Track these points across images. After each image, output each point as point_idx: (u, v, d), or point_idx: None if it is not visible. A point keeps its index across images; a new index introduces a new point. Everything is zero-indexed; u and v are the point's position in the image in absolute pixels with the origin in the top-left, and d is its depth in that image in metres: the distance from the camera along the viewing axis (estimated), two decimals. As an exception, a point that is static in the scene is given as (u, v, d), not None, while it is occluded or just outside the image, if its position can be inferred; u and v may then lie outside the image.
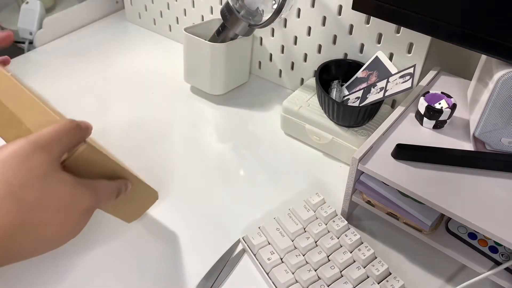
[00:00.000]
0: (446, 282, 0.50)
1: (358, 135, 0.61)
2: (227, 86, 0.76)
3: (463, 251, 0.47)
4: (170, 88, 0.78)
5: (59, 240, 0.38)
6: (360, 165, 0.49)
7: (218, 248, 0.52)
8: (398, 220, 0.51)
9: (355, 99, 0.62)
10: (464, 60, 0.63)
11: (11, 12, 0.92)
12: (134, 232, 0.54)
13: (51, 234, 0.36)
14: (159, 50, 0.89)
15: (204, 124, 0.72)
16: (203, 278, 0.49)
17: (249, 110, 0.74)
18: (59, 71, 0.82)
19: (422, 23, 0.51)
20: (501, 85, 0.45)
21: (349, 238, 0.51)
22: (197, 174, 0.62)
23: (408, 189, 0.46)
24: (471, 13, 0.46)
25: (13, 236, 0.34)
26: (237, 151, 0.66)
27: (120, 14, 1.00)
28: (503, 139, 0.48)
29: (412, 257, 0.53)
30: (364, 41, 0.65)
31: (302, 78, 0.76)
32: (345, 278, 0.48)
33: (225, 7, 0.67)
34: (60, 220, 0.36)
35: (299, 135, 0.68)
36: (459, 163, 0.49)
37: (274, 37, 0.75)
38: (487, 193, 0.46)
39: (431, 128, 0.53)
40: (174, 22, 0.89)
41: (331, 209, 0.54)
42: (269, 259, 0.50)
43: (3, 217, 0.33)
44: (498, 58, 0.47)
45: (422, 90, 0.59)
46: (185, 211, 0.57)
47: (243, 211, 0.57)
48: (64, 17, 0.91)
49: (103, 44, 0.90)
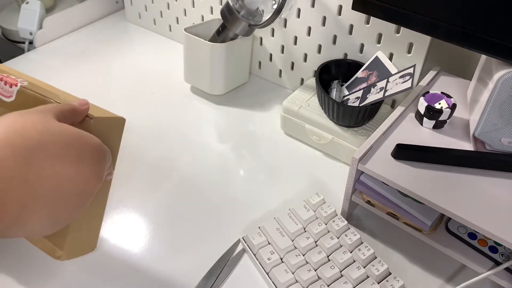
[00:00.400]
0: (446, 282, 0.50)
1: (358, 135, 0.61)
2: (227, 86, 0.76)
3: (463, 251, 0.47)
4: (170, 88, 0.78)
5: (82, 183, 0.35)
6: (360, 165, 0.49)
7: (218, 248, 0.52)
8: (398, 220, 0.51)
9: (355, 99, 0.62)
10: (464, 60, 0.63)
11: (11, 12, 0.92)
12: (134, 231, 0.54)
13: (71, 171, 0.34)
14: (159, 50, 0.89)
15: (204, 124, 0.72)
16: (203, 278, 0.49)
17: (249, 110, 0.74)
18: (59, 71, 0.82)
19: (422, 23, 0.51)
20: (501, 85, 0.45)
21: (349, 238, 0.51)
22: (197, 174, 0.62)
23: (408, 189, 0.46)
24: (471, 13, 0.46)
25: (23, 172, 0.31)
26: (237, 151, 0.66)
27: (120, 14, 1.00)
28: (503, 139, 0.48)
29: (412, 257, 0.53)
30: (364, 41, 0.65)
31: (302, 78, 0.76)
32: (345, 278, 0.48)
33: (225, 7, 0.67)
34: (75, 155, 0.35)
35: (299, 135, 0.68)
36: (459, 163, 0.49)
37: (274, 37, 0.75)
38: (487, 193, 0.46)
39: (431, 128, 0.53)
40: (174, 22, 0.89)
41: (331, 209, 0.54)
42: (269, 259, 0.50)
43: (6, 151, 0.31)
44: (498, 58, 0.47)
45: (422, 90, 0.59)
46: (185, 211, 0.57)
47: (243, 211, 0.57)
48: (64, 17, 0.91)
49: (103, 44, 0.90)
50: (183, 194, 0.59)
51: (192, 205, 0.58)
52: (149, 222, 0.56)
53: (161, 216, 0.57)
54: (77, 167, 0.35)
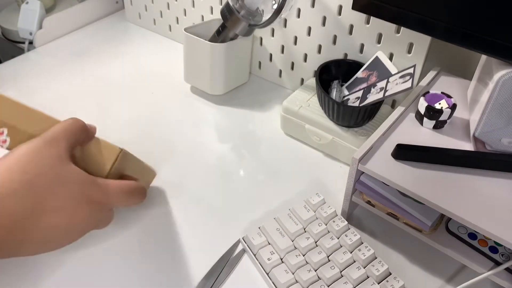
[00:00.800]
0: (446, 282, 0.50)
1: (358, 135, 0.61)
2: (227, 86, 0.76)
3: (463, 251, 0.47)
4: (170, 88, 0.78)
5: (71, 231, 0.39)
6: (360, 165, 0.49)
7: (218, 248, 0.52)
8: (398, 220, 0.51)
9: (355, 99, 0.62)
10: (464, 60, 0.63)
11: (11, 12, 0.92)
12: (134, 232, 0.54)
13: (63, 223, 0.38)
14: (159, 50, 0.89)
15: (204, 124, 0.72)
16: (203, 278, 0.49)
17: (249, 110, 0.74)
18: (59, 71, 0.82)
19: (422, 23, 0.51)
20: (501, 85, 0.45)
21: (349, 238, 0.51)
22: (197, 174, 0.62)
23: (408, 189, 0.46)
24: (471, 13, 0.46)
25: (26, 221, 0.36)
26: (237, 151, 0.66)
27: (120, 14, 1.00)
28: (503, 139, 0.48)
29: (412, 257, 0.53)
30: (364, 41, 0.65)
31: (302, 78, 0.76)
32: (345, 278, 0.48)
33: (225, 7, 0.67)
34: (71, 209, 0.38)
35: (299, 135, 0.68)
36: (459, 163, 0.49)
37: (274, 37, 0.75)
38: (487, 193, 0.46)
39: (431, 128, 0.53)
40: (174, 22, 0.89)
41: (331, 209, 0.54)
42: (269, 259, 0.50)
43: (18, 202, 0.35)
44: (498, 58, 0.47)
45: (422, 90, 0.59)
46: (185, 211, 0.57)
47: (243, 211, 0.57)
48: (64, 17, 0.91)
49: (103, 44, 0.90)
50: (182, 194, 0.59)
51: (192, 205, 0.58)
52: (149, 222, 0.56)
53: (160, 215, 0.56)
54: (72, 219, 0.39)
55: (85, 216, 0.40)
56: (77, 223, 0.39)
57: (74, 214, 0.39)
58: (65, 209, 0.38)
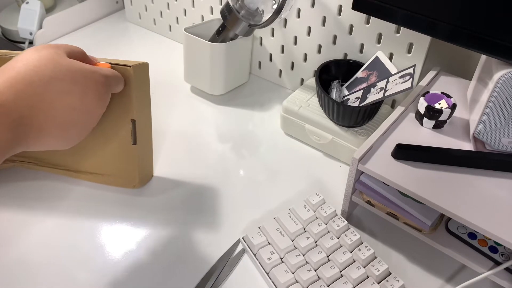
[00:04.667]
0: (446, 282, 0.50)
1: (358, 135, 0.61)
2: (227, 86, 0.76)
3: (463, 251, 0.47)
4: (170, 88, 0.78)
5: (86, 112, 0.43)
6: (360, 165, 0.49)
7: (218, 248, 0.52)
8: (398, 220, 0.51)
9: (355, 99, 0.62)
10: (464, 60, 0.63)
11: (11, 12, 0.92)
12: (134, 232, 0.55)
13: (77, 104, 0.42)
14: (159, 50, 0.89)
15: (204, 124, 0.72)
16: (203, 278, 0.49)
17: (249, 110, 0.74)
18: (59, 71, 0.82)
19: (422, 23, 0.51)
20: (501, 85, 0.45)
21: (349, 238, 0.51)
22: (197, 174, 0.62)
23: (408, 189, 0.46)
24: (471, 13, 0.46)
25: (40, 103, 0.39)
26: (237, 151, 0.66)
27: (120, 14, 1.00)
28: (503, 139, 0.48)
29: (412, 257, 0.53)
30: (364, 41, 0.65)
31: (302, 78, 0.76)
32: (345, 278, 0.48)
33: (225, 7, 0.67)
34: (80, 91, 0.42)
35: (299, 135, 0.68)
36: (459, 163, 0.49)
37: (274, 37, 0.75)
38: (487, 193, 0.46)
39: (431, 128, 0.53)
40: (174, 22, 0.89)
41: (331, 209, 0.54)
42: (269, 259, 0.50)
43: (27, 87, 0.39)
44: (498, 58, 0.47)
45: (422, 90, 0.59)
46: (185, 211, 0.57)
47: (243, 211, 0.57)
48: (64, 17, 0.91)
49: (103, 44, 0.90)
50: (182, 194, 0.59)
51: (192, 205, 0.58)
52: (148, 221, 0.56)
53: (160, 215, 0.56)
54: (82, 100, 0.43)
55: (94, 96, 0.44)
56: (89, 103, 0.43)
57: (84, 95, 0.43)
58: (74, 92, 0.42)
